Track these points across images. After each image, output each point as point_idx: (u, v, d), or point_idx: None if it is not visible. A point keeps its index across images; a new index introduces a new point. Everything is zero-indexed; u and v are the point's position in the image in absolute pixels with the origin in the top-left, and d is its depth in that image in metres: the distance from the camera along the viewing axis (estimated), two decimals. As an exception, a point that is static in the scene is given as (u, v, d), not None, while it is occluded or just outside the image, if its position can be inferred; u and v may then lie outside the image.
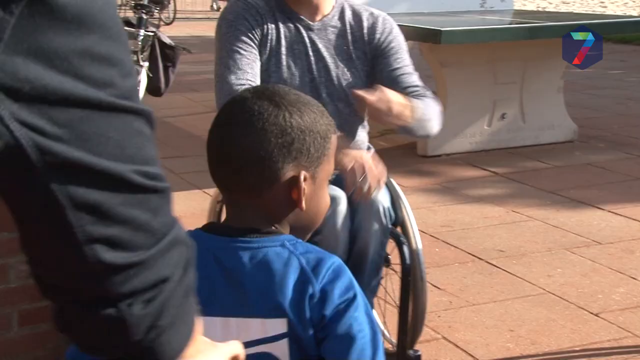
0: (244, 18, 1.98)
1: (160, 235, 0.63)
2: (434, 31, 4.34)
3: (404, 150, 4.59)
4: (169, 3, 5.37)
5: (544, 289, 2.82)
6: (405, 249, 1.97)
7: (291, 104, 1.05)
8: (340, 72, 2.02)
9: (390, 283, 2.18)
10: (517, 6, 9.57)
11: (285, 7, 2.02)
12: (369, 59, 2.04)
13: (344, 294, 1.03)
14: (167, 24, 10.95)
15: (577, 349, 2.41)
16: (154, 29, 4.16)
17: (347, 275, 1.05)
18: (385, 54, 2.02)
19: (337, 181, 1.85)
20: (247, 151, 1.04)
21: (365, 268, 1.93)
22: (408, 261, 1.96)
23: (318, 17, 2.03)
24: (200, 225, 1.15)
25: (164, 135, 5.17)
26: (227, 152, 1.06)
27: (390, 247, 2.04)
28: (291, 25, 2.01)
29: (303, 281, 1.02)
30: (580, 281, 2.90)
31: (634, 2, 13.14)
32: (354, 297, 1.03)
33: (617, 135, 5.08)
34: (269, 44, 1.99)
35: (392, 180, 2.07)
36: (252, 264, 1.04)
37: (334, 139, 1.11)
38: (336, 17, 2.04)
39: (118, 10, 4.85)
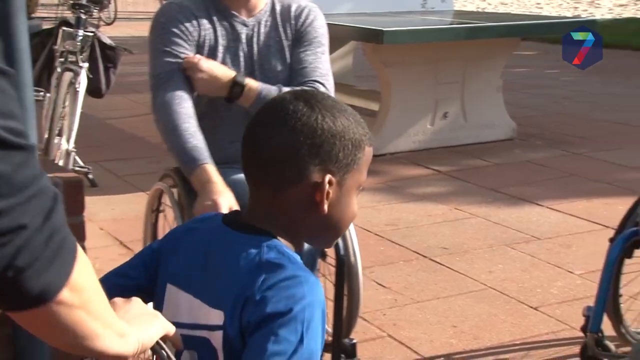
0: (177, 20, 1.99)
1: (22, 187, 0.69)
2: (376, 31, 4.39)
3: (348, 150, 4.62)
4: (109, 3, 5.27)
5: (485, 285, 2.88)
6: (340, 240, 2.00)
7: (326, 108, 1.07)
8: (276, 66, 2.05)
9: (329, 275, 2.20)
10: (457, 7, 9.75)
11: (220, 5, 2.04)
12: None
13: (279, 306, 0.98)
14: (108, 24, 10.75)
15: (517, 342, 2.48)
16: (93, 29, 4.08)
17: (301, 291, 1.00)
18: (299, 42, 2.06)
19: None
20: (276, 149, 1.06)
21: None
22: (342, 252, 2.01)
23: (252, 14, 2.06)
24: (141, 230, 1.16)
25: (106, 137, 5.08)
26: (257, 149, 1.08)
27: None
28: (226, 23, 2.04)
29: (250, 283, 1.01)
30: (520, 276, 2.98)
31: (567, 3, 13.54)
32: (289, 312, 0.98)
33: (554, 133, 5.23)
34: (206, 44, 2.01)
35: None
36: (226, 257, 1.07)
37: (368, 150, 1.11)
38: (268, 13, 2.08)
39: (55, 10, 4.72)
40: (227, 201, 1.76)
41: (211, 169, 1.84)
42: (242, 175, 1.98)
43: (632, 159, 4.53)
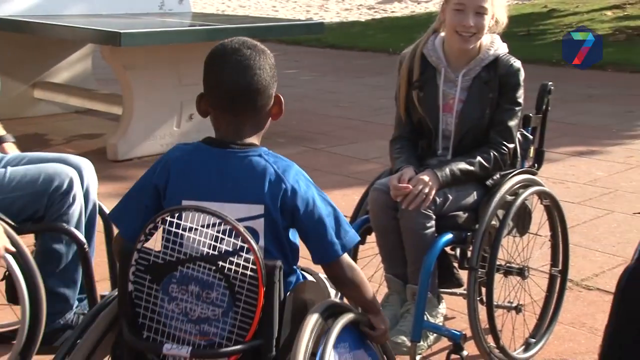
0: None
1: None
2: (113, 33, 4.27)
3: (92, 156, 4.37)
4: None
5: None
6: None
7: (263, 50, 1.58)
8: None
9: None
10: (198, 9, 9.82)
11: None
12: None
13: (307, 190, 1.54)
14: None
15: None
16: None
17: (304, 175, 1.56)
18: None
19: None
20: (257, 86, 1.55)
21: None
22: None
23: None
24: None
25: None
26: (243, 88, 1.54)
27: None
28: None
29: (278, 181, 1.52)
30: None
31: (300, 7, 14.30)
32: (313, 191, 1.55)
33: (296, 131, 5.52)
34: None
35: None
36: (241, 167, 1.54)
37: None
38: None
39: None
40: None
41: None
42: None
43: (363, 152, 4.94)
